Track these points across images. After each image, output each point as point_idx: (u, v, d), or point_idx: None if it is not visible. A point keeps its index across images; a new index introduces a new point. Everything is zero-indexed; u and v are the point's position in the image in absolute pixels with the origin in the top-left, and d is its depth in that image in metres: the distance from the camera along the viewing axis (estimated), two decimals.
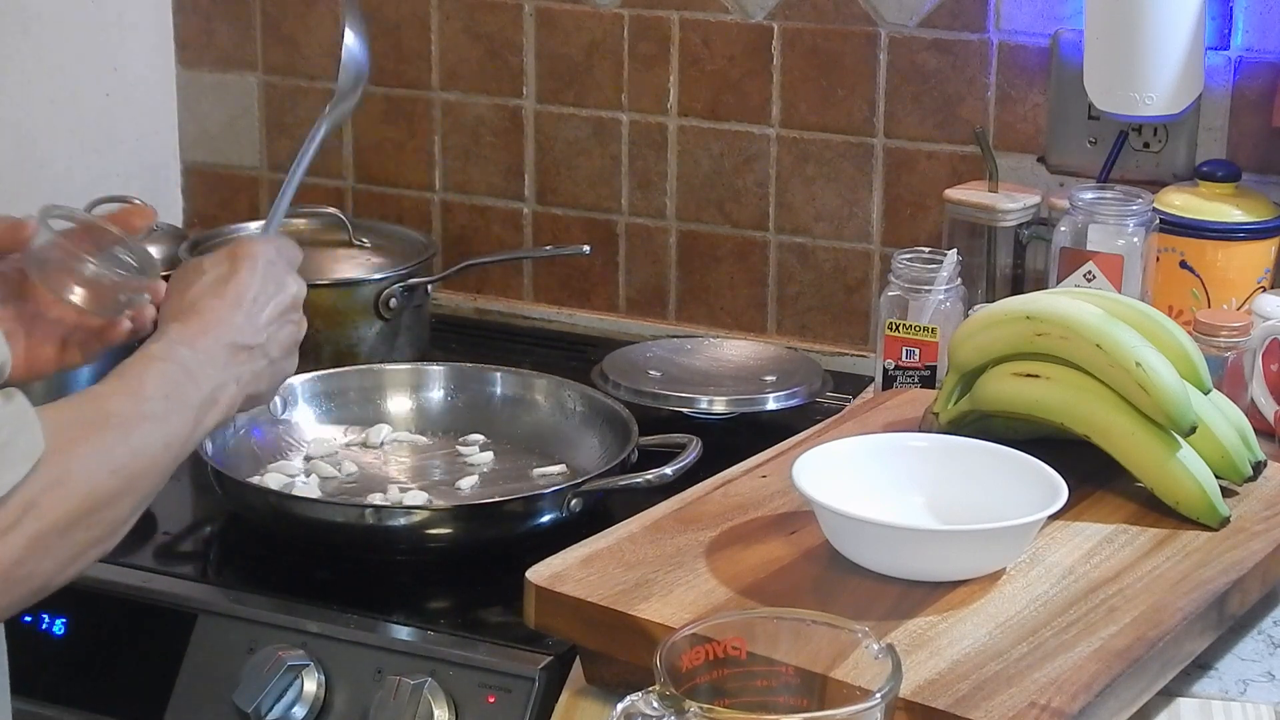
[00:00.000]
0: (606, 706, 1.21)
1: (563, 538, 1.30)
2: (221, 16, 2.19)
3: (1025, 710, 1.07)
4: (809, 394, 1.80)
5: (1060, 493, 1.24)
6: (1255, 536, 1.32)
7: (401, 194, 2.17)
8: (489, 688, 1.35)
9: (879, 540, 1.22)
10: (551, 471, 1.64)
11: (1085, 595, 1.22)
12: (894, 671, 0.95)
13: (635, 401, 1.73)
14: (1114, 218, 1.70)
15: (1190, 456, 1.34)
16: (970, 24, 1.89)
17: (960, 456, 1.33)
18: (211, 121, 2.23)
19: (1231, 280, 1.73)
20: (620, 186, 2.07)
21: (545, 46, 2.06)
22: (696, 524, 1.31)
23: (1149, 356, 1.34)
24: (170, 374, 1.17)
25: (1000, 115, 1.90)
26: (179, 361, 1.18)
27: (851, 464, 1.31)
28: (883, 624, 1.16)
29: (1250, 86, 1.80)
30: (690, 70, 2.00)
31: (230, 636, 1.42)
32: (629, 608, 1.18)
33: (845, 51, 1.94)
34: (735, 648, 0.97)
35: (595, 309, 2.10)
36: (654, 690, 0.92)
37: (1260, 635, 1.32)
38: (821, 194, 1.98)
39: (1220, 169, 1.76)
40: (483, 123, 2.11)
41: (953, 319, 1.66)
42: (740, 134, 2.00)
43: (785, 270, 2.01)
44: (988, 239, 1.82)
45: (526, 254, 2.11)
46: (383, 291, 1.88)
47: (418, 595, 1.48)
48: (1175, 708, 1.22)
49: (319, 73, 2.16)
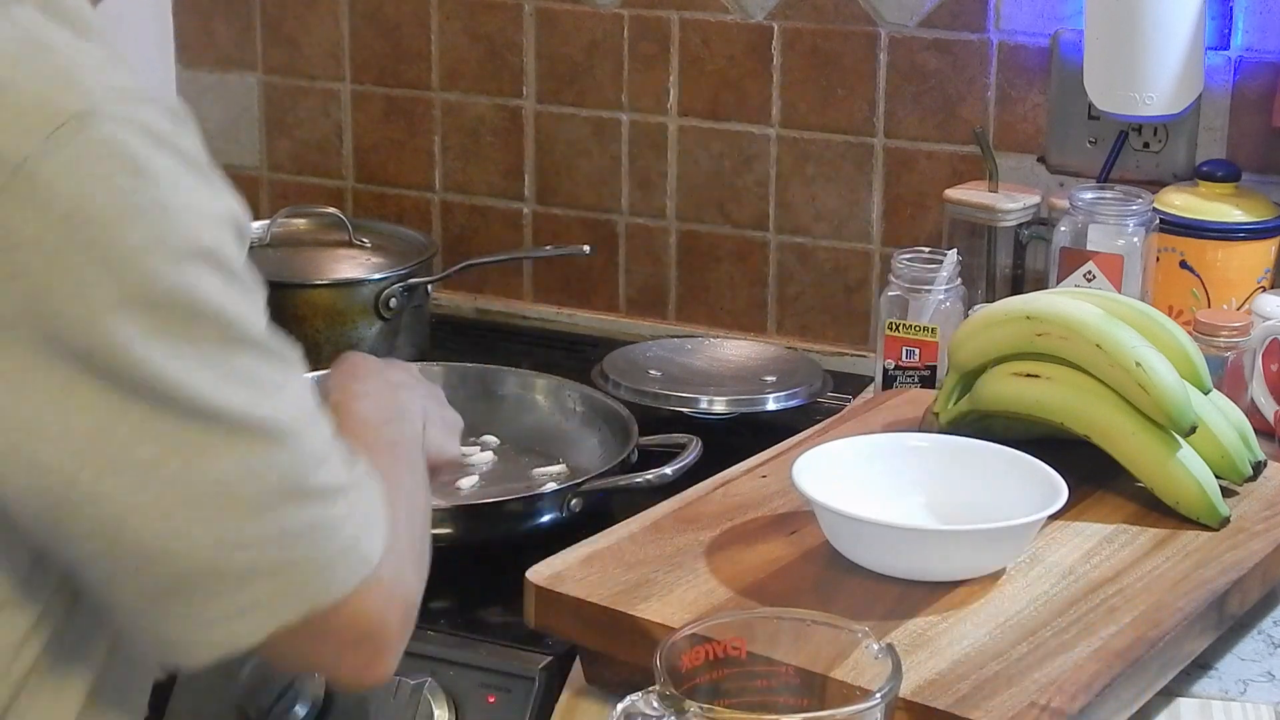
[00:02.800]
0: (606, 706, 1.21)
1: (563, 538, 1.30)
2: (221, 16, 2.19)
3: (1025, 710, 1.07)
4: (809, 394, 1.80)
5: (1060, 493, 1.24)
6: (1255, 536, 1.32)
7: (401, 194, 2.17)
8: (489, 688, 1.35)
9: (879, 540, 1.22)
10: (551, 471, 1.64)
11: (1085, 595, 1.22)
12: (894, 671, 0.95)
13: (635, 401, 1.73)
14: (1114, 218, 1.70)
15: (1190, 456, 1.34)
16: (970, 24, 1.89)
17: (960, 456, 1.33)
18: (211, 121, 2.23)
19: (1231, 280, 1.73)
20: (620, 186, 2.07)
21: (545, 46, 2.06)
22: (696, 524, 1.31)
23: (1149, 356, 1.34)
24: (375, 404, 1.19)
25: (1000, 115, 1.90)
26: (368, 395, 1.20)
27: (851, 464, 1.31)
28: (883, 624, 1.16)
29: (1250, 86, 1.80)
30: (690, 70, 2.00)
31: None
32: (629, 608, 1.18)
33: (845, 51, 1.94)
34: (735, 648, 0.97)
35: (595, 309, 2.10)
36: (654, 690, 0.92)
37: (1260, 635, 1.32)
38: (821, 194, 1.98)
39: (1220, 169, 1.76)
40: (483, 123, 2.11)
41: (953, 319, 1.66)
42: (740, 134, 2.00)
43: (785, 270, 2.01)
44: (988, 239, 1.82)
45: (526, 254, 2.10)
46: (383, 291, 1.88)
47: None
48: (1175, 708, 1.22)
49: (319, 73, 2.17)
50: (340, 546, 0.99)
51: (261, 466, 0.96)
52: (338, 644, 1.01)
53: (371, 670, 1.03)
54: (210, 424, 0.94)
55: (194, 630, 0.98)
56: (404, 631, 1.05)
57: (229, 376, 0.95)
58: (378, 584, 1.01)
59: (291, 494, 0.97)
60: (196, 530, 0.95)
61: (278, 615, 0.98)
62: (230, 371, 0.95)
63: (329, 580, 0.99)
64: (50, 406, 0.92)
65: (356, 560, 1.00)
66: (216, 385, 0.94)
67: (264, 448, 0.96)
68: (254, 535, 0.96)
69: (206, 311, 0.94)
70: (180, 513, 0.94)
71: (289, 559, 0.97)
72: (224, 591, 0.96)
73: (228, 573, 0.96)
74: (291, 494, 0.97)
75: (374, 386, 1.22)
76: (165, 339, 0.92)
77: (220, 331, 0.95)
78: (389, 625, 1.03)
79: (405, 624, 1.05)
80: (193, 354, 0.93)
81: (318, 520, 0.98)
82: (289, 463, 0.97)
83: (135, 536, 0.94)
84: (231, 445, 0.95)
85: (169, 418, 0.93)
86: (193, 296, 0.93)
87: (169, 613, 0.97)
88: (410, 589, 1.06)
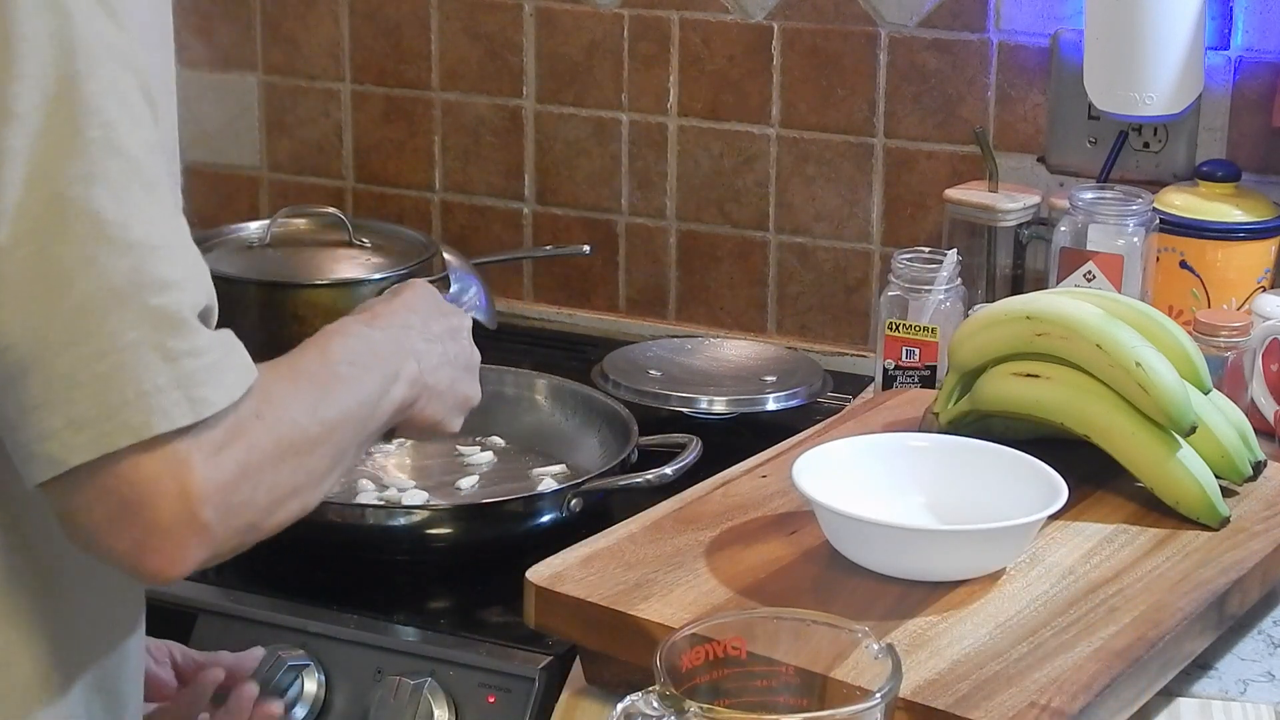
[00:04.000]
0: (606, 706, 1.21)
1: (563, 538, 1.30)
2: (221, 16, 2.19)
3: (1025, 710, 1.07)
4: (809, 394, 1.80)
5: (1060, 493, 1.24)
6: (1255, 536, 1.32)
7: (401, 194, 2.17)
8: (489, 688, 1.35)
9: (879, 540, 1.22)
10: (551, 471, 1.64)
11: (1085, 595, 1.21)
12: (894, 671, 0.95)
13: (635, 401, 1.73)
14: (1114, 218, 1.70)
15: (1190, 456, 1.34)
16: (970, 24, 1.89)
17: (960, 456, 1.33)
18: (211, 121, 2.23)
19: (1231, 280, 1.73)
20: (620, 186, 2.07)
21: (545, 46, 2.06)
22: (696, 524, 1.31)
23: (1149, 356, 1.34)
24: (352, 345, 1.17)
25: (1000, 115, 1.90)
26: (359, 335, 1.18)
27: (851, 464, 1.31)
28: (883, 624, 1.16)
29: (1250, 86, 1.80)
30: (690, 70, 2.00)
31: (230, 636, 1.42)
32: (629, 608, 1.18)
33: (845, 51, 1.94)
34: (735, 648, 0.97)
35: (595, 309, 2.10)
36: (654, 690, 0.92)
37: (1260, 635, 1.32)
38: (821, 194, 1.98)
39: (1220, 169, 1.76)
40: (483, 123, 2.11)
41: (953, 319, 1.66)
42: (740, 134, 2.00)
43: (785, 270, 2.02)
44: (988, 239, 1.82)
45: (526, 254, 2.11)
46: (383, 291, 1.87)
47: (418, 595, 1.48)
48: (1175, 708, 1.22)
49: (319, 73, 2.17)
50: (174, 378, 0.97)
51: (99, 266, 0.96)
52: (119, 509, 0.98)
53: (149, 557, 0.99)
54: (64, 211, 0.96)
55: (36, 440, 0.97)
56: (187, 530, 0.99)
57: (95, 178, 0.97)
58: (181, 460, 0.98)
59: (124, 301, 0.96)
60: (21, 316, 0.95)
61: (105, 437, 0.96)
62: (97, 170, 0.97)
63: (152, 410, 0.96)
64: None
65: (188, 402, 0.98)
66: (85, 182, 0.96)
67: (105, 246, 0.96)
68: (85, 336, 0.96)
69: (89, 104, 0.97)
70: (11, 294, 0.95)
71: (114, 375, 0.96)
72: (55, 399, 0.96)
73: (57, 375, 0.96)
74: (124, 301, 0.96)
75: (381, 324, 1.22)
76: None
77: (104, 133, 0.97)
78: (165, 510, 0.98)
79: (192, 524, 0.99)
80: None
81: (150, 343, 0.97)
82: (127, 268, 0.97)
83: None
84: (78, 236, 0.96)
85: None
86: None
87: (14, 413, 0.97)
88: (222, 494, 1.00)
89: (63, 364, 0.96)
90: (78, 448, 0.96)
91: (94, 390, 0.96)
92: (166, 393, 0.97)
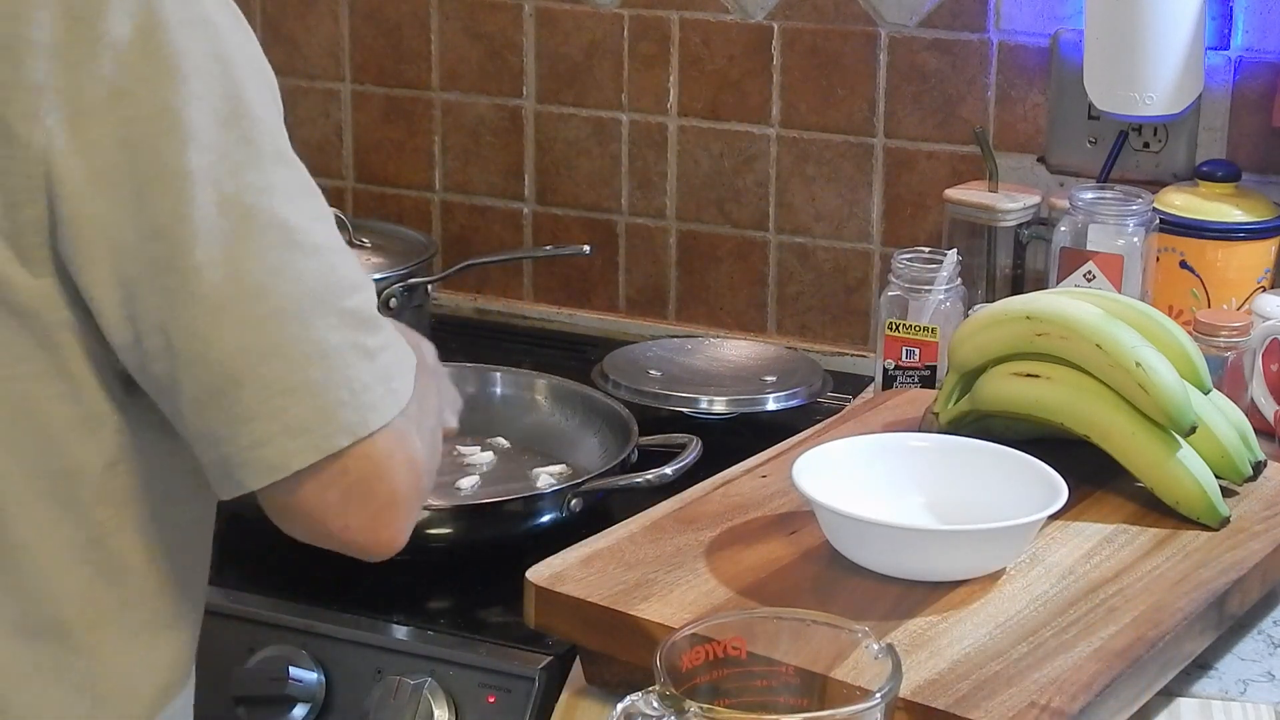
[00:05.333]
0: (606, 706, 1.21)
1: (563, 538, 1.30)
2: None
3: (1025, 710, 1.07)
4: (809, 394, 1.80)
5: (1060, 493, 1.24)
6: (1255, 536, 1.32)
7: (401, 194, 2.17)
8: (489, 688, 1.35)
9: (879, 540, 1.22)
10: (551, 471, 1.64)
11: (1085, 595, 1.21)
12: (894, 671, 0.95)
13: (635, 401, 1.73)
14: (1114, 218, 1.70)
15: (1190, 456, 1.34)
16: (970, 24, 1.89)
17: (960, 456, 1.33)
18: None
19: (1231, 280, 1.73)
20: (620, 186, 2.07)
21: (545, 46, 2.06)
22: (696, 524, 1.31)
23: (1149, 356, 1.34)
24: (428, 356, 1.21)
25: (1000, 115, 1.90)
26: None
27: (851, 464, 1.31)
28: (883, 624, 1.16)
29: (1250, 86, 1.80)
30: (690, 70, 2.00)
31: (230, 636, 1.42)
32: (629, 608, 1.18)
33: (845, 51, 1.94)
34: (735, 648, 0.96)
35: (595, 309, 2.11)
36: (654, 690, 0.92)
37: (1260, 635, 1.32)
38: (821, 194, 1.98)
39: (1220, 169, 1.76)
40: (483, 123, 2.11)
41: (953, 319, 1.66)
42: (740, 134, 2.00)
43: (785, 270, 2.02)
44: (988, 239, 1.82)
45: (526, 254, 2.11)
46: (383, 291, 1.88)
47: (418, 595, 1.48)
48: (1175, 708, 1.22)
49: (319, 73, 2.17)
50: (376, 374, 1.01)
51: (293, 272, 0.99)
52: (353, 491, 1.02)
53: (383, 529, 1.04)
54: (247, 219, 0.98)
55: (249, 449, 0.99)
56: (413, 498, 1.05)
57: (274, 188, 1.00)
58: (401, 435, 1.03)
59: (322, 304, 0.99)
60: (224, 330, 0.98)
61: (326, 440, 1.00)
62: (274, 180, 1.00)
63: (366, 408, 1.01)
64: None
65: (390, 394, 1.02)
66: (266, 193, 0.99)
67: (296, 253, 0.99)
68: (290, 341, 0.98)
69: (254, 116, 1.01)
70: (210, 310, 0.98)
71: (327, 379, 0.99)
72: (267, 407, 0.98)
73: (266, 384, 0.98)
74: (322, 304, 0.99)
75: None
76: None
77: (271, 142, 1.01)
78: (400, 480, 1.03)
79: (416, 492, 1.06)
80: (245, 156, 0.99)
81: (351, 344, 1.00)
82: (319, 272, 1.00)
83: (188, 327, 0.98)
84: (268, 245, 0.99)
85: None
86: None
87: (222, 427, 0.99)
88: (426, 463, 1.07)
89: (271, 372, 0.98)
90: (297, 453, 1.00)
91: (307, 395, 0.99)
92: (373, 389, 1.01)
